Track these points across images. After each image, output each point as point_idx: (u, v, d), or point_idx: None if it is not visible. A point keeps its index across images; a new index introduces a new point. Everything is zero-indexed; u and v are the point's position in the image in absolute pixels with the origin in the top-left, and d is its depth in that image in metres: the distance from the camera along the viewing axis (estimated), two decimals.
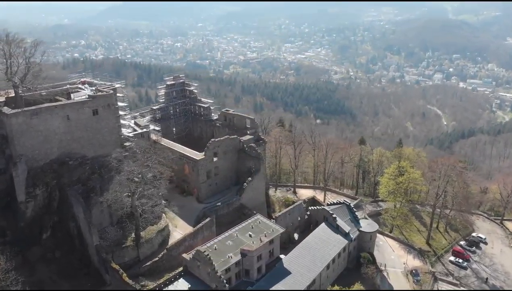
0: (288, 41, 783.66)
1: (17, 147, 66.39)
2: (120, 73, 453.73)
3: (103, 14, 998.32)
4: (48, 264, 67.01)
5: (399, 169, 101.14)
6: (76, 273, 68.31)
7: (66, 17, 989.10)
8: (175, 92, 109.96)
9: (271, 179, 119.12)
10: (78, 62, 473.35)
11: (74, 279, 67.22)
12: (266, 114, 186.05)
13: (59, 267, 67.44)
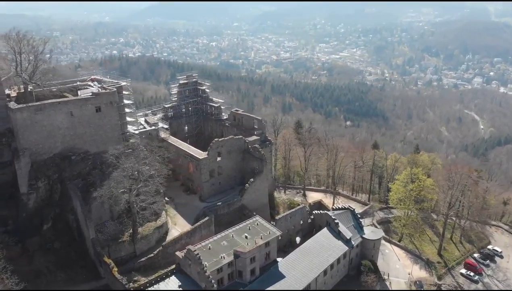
0: (322, 41, 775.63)
1: (21, 141, 69.21)
2: (154, 71, 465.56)
3: (143, 12, 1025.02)
4: (47, 254, 69.40)
5: (411, 176, 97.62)
6: (73, 264, 70.40)
7: (108, 15, 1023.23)
8: (188, 91, 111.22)
9: (279, 180, 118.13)
10: (115, 60, 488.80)
11: (70, 270, 69.32)
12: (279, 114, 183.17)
13: (57, 257, 69.70)
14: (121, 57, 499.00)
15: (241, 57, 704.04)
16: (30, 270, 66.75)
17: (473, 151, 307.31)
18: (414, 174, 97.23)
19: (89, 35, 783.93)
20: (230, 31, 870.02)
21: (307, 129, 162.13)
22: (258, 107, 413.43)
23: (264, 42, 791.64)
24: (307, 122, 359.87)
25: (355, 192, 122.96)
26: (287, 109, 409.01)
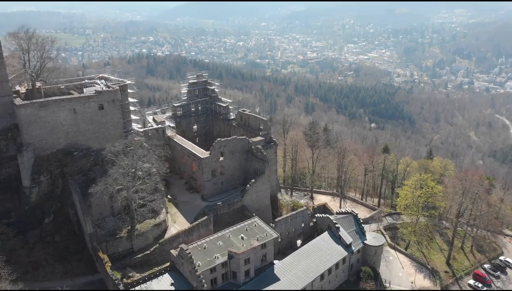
0: (351, 41, 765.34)
1: (25, 136, 71.61)
2: (180, 70, 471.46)
3: (173, 12, 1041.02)
4: (47, 246, 71.60)
5: (419, 182, 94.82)
6: (71, 257, 72.32)
7: (139, 14, 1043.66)
8: (198, 90, 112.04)
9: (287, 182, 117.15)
10: (142, 58, 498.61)
11: (68, 263, 71.20)
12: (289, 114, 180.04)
13: (56, 250, 71.80)
14: (149, 55, 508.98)
15: (268, 57, 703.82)
16: (29, 261, 69.14)
17: (502, 157, 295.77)
18: (422, 179, 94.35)
19: (120, 34, 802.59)
20: (257, 31, 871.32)
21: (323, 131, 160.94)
22: (281, 108, 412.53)
23: (291, 42, 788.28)
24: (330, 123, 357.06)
25: (365, 197, 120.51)
26: (310, 110, 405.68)
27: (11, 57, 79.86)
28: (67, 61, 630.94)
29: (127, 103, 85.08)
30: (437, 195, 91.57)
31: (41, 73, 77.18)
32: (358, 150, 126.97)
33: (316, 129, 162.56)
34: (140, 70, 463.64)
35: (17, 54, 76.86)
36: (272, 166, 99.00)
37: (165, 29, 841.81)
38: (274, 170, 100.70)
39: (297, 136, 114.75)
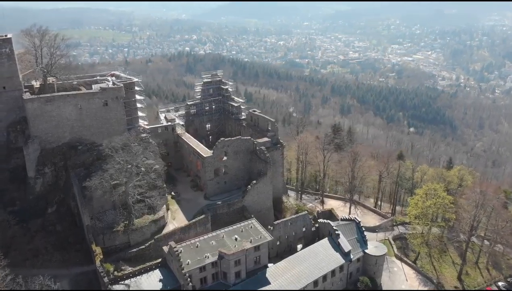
0: (395, 42, 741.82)
1: (32, 129, 75.11)
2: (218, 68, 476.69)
3: (217, 11, 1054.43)
4: (48, 235, 74.78)
5: (431, 191, 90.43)
6: (70, 247, 75.08)
7: (184, 13, 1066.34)
8: (212, 89, 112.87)
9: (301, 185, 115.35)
10: (183, 56, 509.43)
11: (66, 253, 74.00)
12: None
13: (57, 239, 74.80)
14: (190, 54, 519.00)
15: (308, 56, 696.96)
16: (29, 248, 72.50)
17: None
18: (434, 189, 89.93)
19: (165, 32, 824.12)
20: (299, 30, 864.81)
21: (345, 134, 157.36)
22: (316, 108, 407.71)
23: (333, 41, 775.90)
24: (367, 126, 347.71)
25: (380, 204, 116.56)
26: (346, 111, 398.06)
27: (28, 53, 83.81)
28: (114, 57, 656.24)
29: (133, 100, 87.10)
30: (447, 206, 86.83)
31: (52, 70, 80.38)
32: (377, 155, 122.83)
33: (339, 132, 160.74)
34: (180, 68, 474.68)
35: (32, 51, 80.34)
36: (278, 167, 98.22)
37: (209, 28, 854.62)
38: (281, 172, 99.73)
39: (307, 138, 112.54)
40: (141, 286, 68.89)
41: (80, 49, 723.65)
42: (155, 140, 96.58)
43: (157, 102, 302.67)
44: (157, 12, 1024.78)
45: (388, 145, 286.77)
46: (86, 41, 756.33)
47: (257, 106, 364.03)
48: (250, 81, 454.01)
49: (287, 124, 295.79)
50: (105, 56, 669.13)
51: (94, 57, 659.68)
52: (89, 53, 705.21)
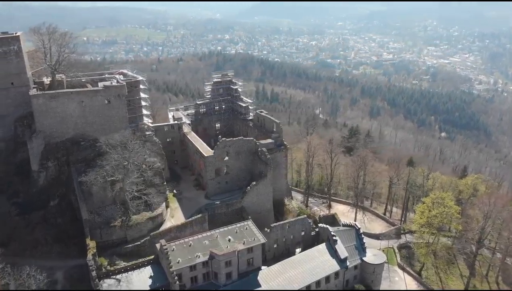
0: (432, 44, 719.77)
1: (37, 124, 77.77)
2: (247, 68, 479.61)
3: (250, 10, 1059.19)
4: (48, 227, 77.18)
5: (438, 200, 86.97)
6: (69, 240, 77.00)
7: (219, 12, 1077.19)
8: (222, 89, 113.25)
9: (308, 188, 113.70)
10: (213, 55, 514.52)
11: (65, 245, 76.07)
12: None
13: (56, 232, 77.05)
14: (220, 53, 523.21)
15: (340, 56, 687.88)
16: (30, 239, 75.09)
17: None
18: (441, 198, 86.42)
19: (198, 31, 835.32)
20: (333, 30, 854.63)
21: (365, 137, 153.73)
22: (343, 110, 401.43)
23: (367, 42, 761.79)
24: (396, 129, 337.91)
25: (390, 210, 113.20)
26: (375, 114, 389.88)
27: (39, 51, 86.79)
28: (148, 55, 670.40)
29: (138, 98, 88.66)
30: (453, 216, 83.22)
31: (59, 67, 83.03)
32: (389, 159, 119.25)
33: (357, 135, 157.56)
34: (209, 67, 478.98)
35: (41, 48, 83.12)
36: (281, 169, 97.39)
37: (242, 28, 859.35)
38: (284, 174, 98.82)
39: (314, 140, 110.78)
40: (131, 281, 69.99)
41: (116, 47, 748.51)
42: (161, 139, 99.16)
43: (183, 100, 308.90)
44: (191, 12, 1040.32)
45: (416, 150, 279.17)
46: (122, 39, 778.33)
47: (282, 106, 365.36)
48: (278, 81, 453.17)
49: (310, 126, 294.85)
50: (140, 54, 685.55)
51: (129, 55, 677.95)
52: (125, 51, 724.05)
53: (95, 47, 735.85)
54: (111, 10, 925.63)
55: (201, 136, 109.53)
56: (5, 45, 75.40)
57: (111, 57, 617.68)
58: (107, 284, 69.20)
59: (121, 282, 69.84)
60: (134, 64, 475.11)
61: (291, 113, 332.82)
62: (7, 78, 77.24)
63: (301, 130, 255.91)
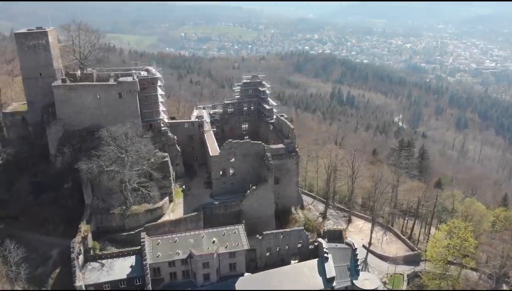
0: None
1: (58, 112, 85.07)
2: (327, 69, 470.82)
3: (346, 10, 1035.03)
4: (59, 208, 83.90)
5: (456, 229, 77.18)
6: (74, 222, 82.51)
7: (312, 12, 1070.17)
8: (251, 90, 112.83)
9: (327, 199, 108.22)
10: (294, 55, 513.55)
11: (69, 226, 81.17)
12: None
13: (65, 213, 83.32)
14: (301, 53, 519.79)
15: (436, 61, 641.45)
16: (39, 217, 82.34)
17: None
18: (459, 228, 76.59)
19: (288, 30, 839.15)
20: (431, 33, 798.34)
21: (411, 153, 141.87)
22: (427, 119, 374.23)
23: (469, 48, 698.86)
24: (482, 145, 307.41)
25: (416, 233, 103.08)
26: (462, 126, 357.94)
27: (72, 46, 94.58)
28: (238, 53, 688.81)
29: (154, 95, 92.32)
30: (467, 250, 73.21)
31: (86, 61, 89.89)
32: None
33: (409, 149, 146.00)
34: (289, 66, 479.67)
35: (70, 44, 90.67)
36: (292, 177, 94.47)
37: (332, 28, 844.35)
38: (295, 182, 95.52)
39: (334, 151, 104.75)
40: (113, 267, 73.62)
41: (209, 44, 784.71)
42: (181, 135, 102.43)
43: None
44: (285, 11, 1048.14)
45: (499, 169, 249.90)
46: (216, 37, 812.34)
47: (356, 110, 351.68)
48: (358, 84, 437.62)
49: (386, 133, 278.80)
50: (230, 51, 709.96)
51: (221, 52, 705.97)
52: (217, 48, 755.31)
53: (191, 43, 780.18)
54: (209, 8, 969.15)
55: (227, 135, 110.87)
56: (34, 39, 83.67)
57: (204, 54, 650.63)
58: (92, 267, 73.92)
59: (104, 267, 73.86)
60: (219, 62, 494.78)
61: (362, 118, 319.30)
62: (36, 69, 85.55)
63: (364, 137, 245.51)
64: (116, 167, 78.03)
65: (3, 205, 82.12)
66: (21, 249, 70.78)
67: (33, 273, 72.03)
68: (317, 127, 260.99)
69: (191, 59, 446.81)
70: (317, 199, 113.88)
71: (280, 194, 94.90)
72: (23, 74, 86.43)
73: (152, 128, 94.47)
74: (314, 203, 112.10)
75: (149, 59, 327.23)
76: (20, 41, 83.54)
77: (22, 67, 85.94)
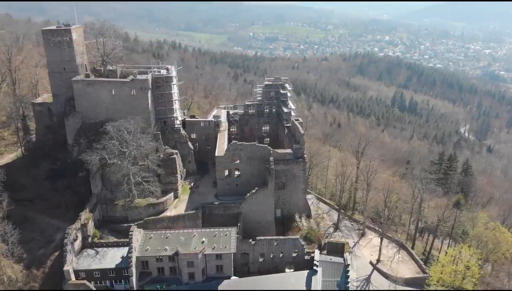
0: None
1: (76, 105, 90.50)
2: (391, 72, 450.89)
3: (422, 12, 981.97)
4: (71, 194, 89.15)
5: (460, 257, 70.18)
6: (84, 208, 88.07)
7: (386, 13, 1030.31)
8: (273, 92, 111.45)
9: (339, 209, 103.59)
10: (358, 57, 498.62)
11: (78, 212, 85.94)
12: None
13: (76, 198, 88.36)
14: (365, 55, 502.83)
15: None
16: (53, 201, 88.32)
17: None
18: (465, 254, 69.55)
19: (358, 31, 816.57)
20: None
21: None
22: (496, 131, 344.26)
23: None
24: None
25: None
26: None
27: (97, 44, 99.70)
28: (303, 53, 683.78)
29: (169, 93, 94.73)
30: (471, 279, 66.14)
31: (108, 59, 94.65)
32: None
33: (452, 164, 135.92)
34: (351, 68, 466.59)
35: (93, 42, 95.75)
36: (298, 183, 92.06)
37: (406, 30, 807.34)
38: (302, 189, 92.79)
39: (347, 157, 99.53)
40: (105, 256, 76.83)
41: (276, 44, 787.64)
42: (197, 134, 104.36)
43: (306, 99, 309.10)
44: (357, 12, 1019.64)
45: None
46: (283, 36, 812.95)
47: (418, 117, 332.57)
48: (424, 89, 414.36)
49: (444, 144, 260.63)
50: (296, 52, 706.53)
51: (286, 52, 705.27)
52: (283, 48, 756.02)
53: (258, 42, 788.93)
54: (280, 8, 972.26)
55: (247, 136, 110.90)
56: (59, 36, 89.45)
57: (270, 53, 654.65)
58: (87, 253, 77.84)
59: (97, 255, 77.39)
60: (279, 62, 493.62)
61: (420, 126, 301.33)
62: (61, 63, 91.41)
63: (418, 147, 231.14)
64: (118, 160, 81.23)
65: (22, 188, 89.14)
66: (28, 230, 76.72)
67: (35, 254, 77.56)
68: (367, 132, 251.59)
69: (252, 59, 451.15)
70: (335, 208, 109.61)
71: (285, 200, 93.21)
72: (49, 68, 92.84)
73: (166, 125, 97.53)
74: (330, 212, 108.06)
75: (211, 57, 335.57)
76: (46, 37, 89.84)
77: (48, 62, 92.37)
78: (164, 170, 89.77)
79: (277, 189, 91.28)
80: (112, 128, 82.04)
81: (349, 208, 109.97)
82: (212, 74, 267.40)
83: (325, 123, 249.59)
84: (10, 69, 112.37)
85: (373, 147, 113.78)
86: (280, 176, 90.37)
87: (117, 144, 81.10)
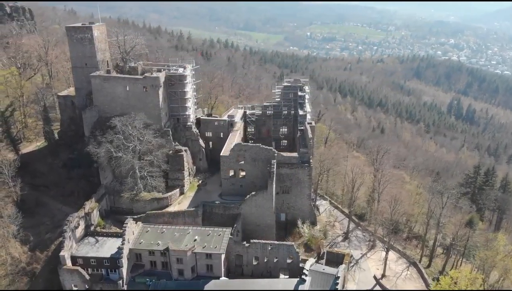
0: None
1: (94, 99, 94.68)
2: (450, 77, 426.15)
3: (493, 15, 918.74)
4: (85, 184, 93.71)
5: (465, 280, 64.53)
6: None
7: (454, 15, 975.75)
8: (291, 94, 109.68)
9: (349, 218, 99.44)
10: (416, 59, 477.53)
11: (88, 199, 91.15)
12: None
13: (89, 187, 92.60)
14: (424, 58, 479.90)
15: None
16: (67, 189, 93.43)
17: None
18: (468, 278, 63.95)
19: (421, 33, 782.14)
20: None
21: None
22: None
23: None
24: None
25: None
26: None
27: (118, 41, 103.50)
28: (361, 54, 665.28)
29: (181, 91, 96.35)
30: None
31: (127, 55, 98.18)
32: None
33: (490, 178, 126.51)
34: (407, 71, 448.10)
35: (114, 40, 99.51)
36: (304, 189, 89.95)
37: (473, 33, 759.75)
38: (307, 195, 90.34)
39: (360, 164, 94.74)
40: (103, 245, 79.59)
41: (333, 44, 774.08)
42: (211, 132, 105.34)
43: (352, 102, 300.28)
44: (422, 13, 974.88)
45: None
46: (341, 37, 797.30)
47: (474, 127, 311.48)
48: (485, 97, 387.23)
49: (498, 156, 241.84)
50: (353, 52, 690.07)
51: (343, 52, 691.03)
52: (340, 48, 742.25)
53: (315, 42, 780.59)
54: (340, 8, 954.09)
55: (264, 137, 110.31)
56: (81, 33, 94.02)
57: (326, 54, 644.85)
58: (88, 241, 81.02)
59: (97, 243, 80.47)
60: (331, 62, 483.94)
61: (474, 136, 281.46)
62: (83, 59, 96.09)
63: (465, 158, 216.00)
64: (123, 154, 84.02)
65: (41, 175, 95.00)
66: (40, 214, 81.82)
67: (42, 237, 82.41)
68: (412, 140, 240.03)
69: (303, 59, 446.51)
70: (348, 216, 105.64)
71: (290, 205, 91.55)
72: (72, 63, 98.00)
73: (178, 123, 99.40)
74: (343, 220, 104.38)
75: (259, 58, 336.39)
76: (70, 34, 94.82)
77: (71, 57, 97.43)
78: (171, 166, 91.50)
79: (282, 193, 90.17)
80: (118, 123, 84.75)
81: (366, 218, 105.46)
82: (257, 73, 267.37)
83: (368, 127, 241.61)
84: (46, 62, 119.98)
85: (395, 156, 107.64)
86: (284, 180, 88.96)
87: (121, 138, 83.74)
